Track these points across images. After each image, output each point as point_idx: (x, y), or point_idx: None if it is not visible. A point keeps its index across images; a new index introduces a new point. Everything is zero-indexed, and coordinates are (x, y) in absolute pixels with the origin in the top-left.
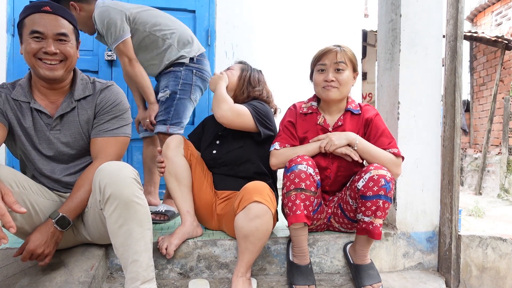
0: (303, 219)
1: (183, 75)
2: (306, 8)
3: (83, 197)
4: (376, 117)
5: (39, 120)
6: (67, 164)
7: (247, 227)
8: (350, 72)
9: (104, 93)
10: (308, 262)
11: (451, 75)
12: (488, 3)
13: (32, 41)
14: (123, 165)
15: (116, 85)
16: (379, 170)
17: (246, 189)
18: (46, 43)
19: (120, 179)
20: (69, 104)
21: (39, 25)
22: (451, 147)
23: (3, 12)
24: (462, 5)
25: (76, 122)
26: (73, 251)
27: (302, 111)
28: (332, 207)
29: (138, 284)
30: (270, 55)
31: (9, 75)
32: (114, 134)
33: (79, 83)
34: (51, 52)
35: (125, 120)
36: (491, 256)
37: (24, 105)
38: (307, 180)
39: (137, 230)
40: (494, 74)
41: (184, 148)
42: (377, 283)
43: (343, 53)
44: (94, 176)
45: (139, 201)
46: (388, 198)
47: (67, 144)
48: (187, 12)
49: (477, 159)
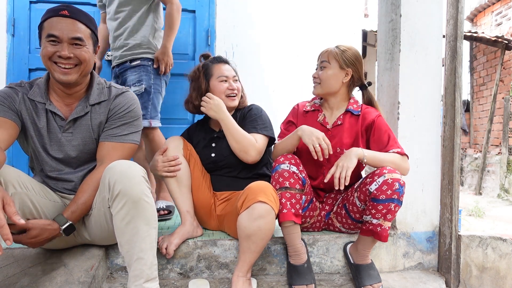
0: (290, 217)
1: (153, 69)
2: (306, 8)
3: (87, 201)
4: (378, 118)
5: (53, 122)
6: (74, 167)
7: (250, 227)
8: (335, 70)
9: (118, 99)
10: (304, 261)
11: (451, 75)
12: (488, 3)
13: (48, 44)
14: (132, 164)
15: (131, 91)
16: (393, 174)
17: (250, 188)
18: (61, 47)
19: (130, 177)
20: (83, 108)
21: (55, 29)
22: (451, 147)
23: (3, 12)
24: (462, 5)
25: (88, 126)
26: (73, 251)
27: (305, 109)
28: (333, 206)
29: (142, 282)
30: (270, 55)
31: (9, 75)
32: (122, 140)
33: (95, 88)
34: (65, 56)
35: (135, 127)
36: (491, 256)
37: (40, 105)
38: (291, 178)
39: (143, 228)
40: (494, 74)
41: (184, 148)
42: (377, 283)
43: (328, 52)
44: (103, 174)
45: (148, 199)
46: (400, 202)
47: (77, 147)
48: (187, 12)
49: (477, 159)
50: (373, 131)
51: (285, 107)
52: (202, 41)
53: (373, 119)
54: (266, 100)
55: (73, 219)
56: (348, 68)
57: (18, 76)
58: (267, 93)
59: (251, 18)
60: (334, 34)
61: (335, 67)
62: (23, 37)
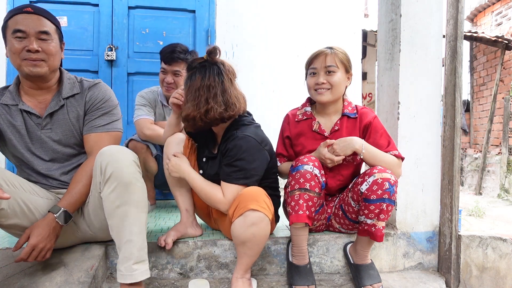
0: (304, 219)
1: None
2: (306, 8)
3: (82, 191)
4: (374, 120)
5: (29, 121)
6: (63, 163)
7: (244, 234)
8: (342, 74)
9: (92, 90)
10: (307, 262)
11: (451, 75)
12: (488, 3)
13: (15, 41)
14: (123, 148)
15: (103, 82)
16: (383, 173)
17: (242, 196)
18: (28, 41)
19: (121, 159)
20: (57, 103)
21: (21, 24)
22: (451, 147)
23: (3, 12)
24: (462, 5)
25: (66, 119)
26: (73, 251)
27: (297, 119)
28: (332, 208)
29: (131, 263)
30: (270, 55)
31: (9, 76)
32: (106, 129)
33: (66, 82)
34: (33, 50)
35: (115, 116)
36: (491, 256)
37: (13, 108)
38: (312, 181)
39: (133, 210)
40: (494, 74)
41: (184, 146)
42: (377, 283)
43: (333, 55)
44: (96, 159)
45: (138, 183)
46: (392, 201)
47: (59, 142)
48: (187, 12)
49: (477, 159)
50: (369, 133)
51: (285, 107)
52: (202, 41)
53: (369, 121)
54: (266, 100)
55: (69, 207)
56: (351, 71)
57: None
58: (267, 93)
59: (251, 18)
60: (334, 34)
61: (342, 71)
62: None
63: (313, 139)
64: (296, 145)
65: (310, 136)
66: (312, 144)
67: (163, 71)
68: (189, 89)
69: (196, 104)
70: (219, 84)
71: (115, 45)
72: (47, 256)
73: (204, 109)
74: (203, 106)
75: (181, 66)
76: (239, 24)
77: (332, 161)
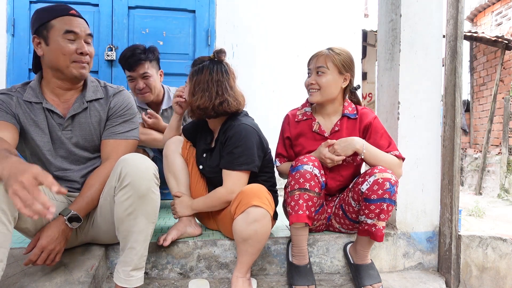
0: (304, 219)
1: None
2: (306, 8)
3: (93, 196)
4: (374, 120)
5: (51, 121)
6: (78, 166)
7: (246, 231)
8: (334, 75)
9: (117, 97)
10: (307, 262)
11: (451, 75)
12: (488, 3)
13: (67, 42)
14: (146, 159)
15: (126, 90)
16: (383, 173)
17: (244, 193)
18: (79, 44)
19: (141, 170)
20: (80, 105)
21: (74, 26)
22: (451, 147)
23: (3, 12)
24: (462, 5)
25: (88, 123)
26: (73, 251)
27: (297, 119)
28: (332, 207)
29: (129, 269)
30: (270, 55)
31: (9, 75)
32: (125, 136)
33: (90, 85)
34: (85, 53)
35: (134, 124)
36: (491, 256)
37: (37, 105)
38: (312, 180)
39: (143, 221)
40: (494, 74)
41: (182, 147)
42: (377, 283)
43: (325, 56)
44: (116, 164)
45: (153, 195)
46: (393, 201)
47: (77, 144)
48: (187, 12)
49: (477, 159)
50: (369, 134)
51: (285, 107)
52: (202, 41)
53: (370, 122)
54: (266, 100)
55: (80, 211)
56: (347, 73)
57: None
58: (267, 93)
59: (251, 18)
60: (334, 34)
61: (334, 72)
62: (23, 37)
63: (313, 140)
64: (296, 145)
65: (310, 137)
66: (312, 145)
67: (131, 79)
68: (195, 81)
69: (208, 95)
70: (226, 80)
71: (115, 45)
72: (57, 259)
73: (218, 100)
74: (215, 97)
75: (146, 67)
76: (239, 24)
77: (332, 161)
